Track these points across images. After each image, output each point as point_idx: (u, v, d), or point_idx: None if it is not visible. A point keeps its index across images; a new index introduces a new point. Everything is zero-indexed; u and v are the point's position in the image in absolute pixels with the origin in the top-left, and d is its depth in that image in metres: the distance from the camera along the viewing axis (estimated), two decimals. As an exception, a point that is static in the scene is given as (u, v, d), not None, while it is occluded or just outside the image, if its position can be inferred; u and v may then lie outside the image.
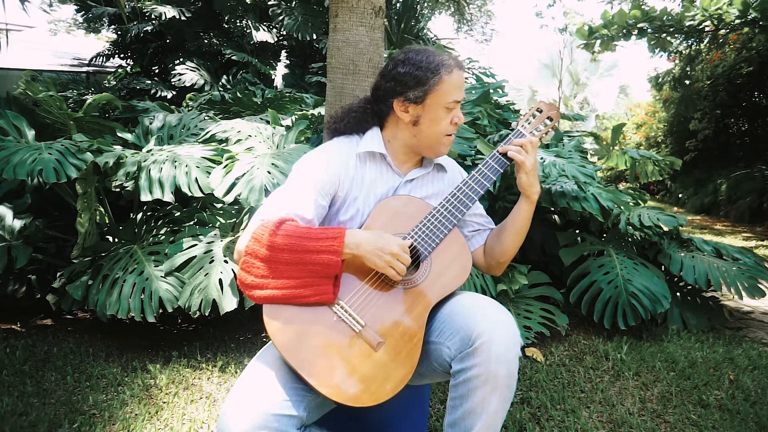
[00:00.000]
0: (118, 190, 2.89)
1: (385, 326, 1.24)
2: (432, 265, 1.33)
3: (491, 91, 3.48)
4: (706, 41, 8.18)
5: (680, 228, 3.68)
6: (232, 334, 2.71)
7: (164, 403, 1.99)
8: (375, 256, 1.22)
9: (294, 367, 1.15)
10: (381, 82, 1.43)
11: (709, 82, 9.50)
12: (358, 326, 1.21)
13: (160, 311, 2.45)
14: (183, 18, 6.61)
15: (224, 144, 2.86)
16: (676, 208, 10.05)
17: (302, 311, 1.20)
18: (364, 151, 1.42)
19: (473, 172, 1.42)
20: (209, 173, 2.52)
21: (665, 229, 3.20)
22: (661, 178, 3.91)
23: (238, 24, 7.11)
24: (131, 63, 7.58)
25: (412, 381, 1.25)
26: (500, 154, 1.43)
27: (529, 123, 1.48)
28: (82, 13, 7.52)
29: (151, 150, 2.71)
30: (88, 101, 2.90)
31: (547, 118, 1.50)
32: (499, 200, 3.19)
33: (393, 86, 1.38)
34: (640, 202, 3.52)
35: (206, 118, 3.43)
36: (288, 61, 7.10)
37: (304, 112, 3.31)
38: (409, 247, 1.32)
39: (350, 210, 1.40)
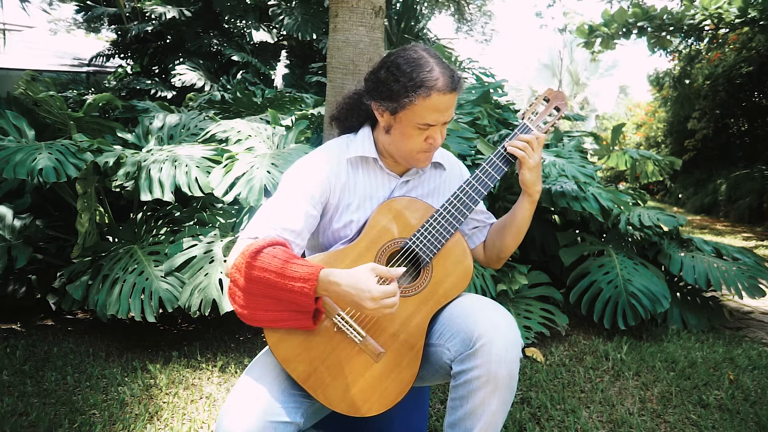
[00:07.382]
0: (118, 190, 2.89)
1: (385, 336, 1.23)
2: (433, 271, 1.30)
3: (491, 90, 3.47)
4: (705, 41, 8.17)
5: (680, 228, 3.69)
6: (232, 334, 2.71)
7: (164, 403, 1.99)
8: (354, 304, 1.10)
9: (296, 380, 1.15)
10: (367, 78, 1.34)
11: (708, 82, 9.49)
12: (359, 337, 1.20)
13: (160, 311, 2.45)
14: (183, 18, 6.60)
15: (224, 144, 2.86)
16: (676, 208, 10.04)
17: None
18: (355, 156, 1.35)
19: (477, 171, 1.36)
20: (209, 173, 2.52)
21: (665, 229, 3.20)
22: (661, 178, 3.91)
23: (238, 24, 7.10)
24: (131, 63, 7.57)
25: (413, 384, 1.25)
26: (506, 151, 1.36)
27: (535, 115, 1.41)
28: (82, 13, 7.51)
29: (151, 150, 2.71)
30: (88, 101, 2.90)
31: (555, 108, 1.43)
32: (500, 200, 3.19)
33: (373, 87, 1.30)
34: (640, 202, 3.52)
35: (206, 118, 3.43)
36: (288, 61, 7.09)
37: (304, 112, 3.31)
38: (411, 253, 1.31)
39: (344, 217, 1.34)
